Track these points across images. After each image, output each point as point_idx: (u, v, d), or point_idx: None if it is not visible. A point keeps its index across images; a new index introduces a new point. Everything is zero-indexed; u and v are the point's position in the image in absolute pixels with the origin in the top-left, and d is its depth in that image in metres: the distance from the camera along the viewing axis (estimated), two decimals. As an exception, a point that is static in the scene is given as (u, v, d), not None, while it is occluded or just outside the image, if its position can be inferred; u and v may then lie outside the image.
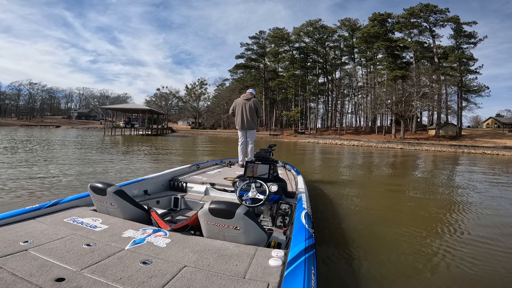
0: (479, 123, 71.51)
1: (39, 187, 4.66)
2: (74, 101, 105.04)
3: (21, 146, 12.23)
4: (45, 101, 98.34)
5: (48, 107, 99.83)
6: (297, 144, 30.87)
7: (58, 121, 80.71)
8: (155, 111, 37.57)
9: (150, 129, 34.95)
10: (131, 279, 1.15)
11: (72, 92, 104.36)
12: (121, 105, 39.69)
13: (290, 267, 1.27)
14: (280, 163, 5.04)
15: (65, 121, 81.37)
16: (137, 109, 33.13)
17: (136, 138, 26.34)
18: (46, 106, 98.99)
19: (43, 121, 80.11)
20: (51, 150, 11.38)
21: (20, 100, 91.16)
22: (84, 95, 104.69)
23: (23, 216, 1.77)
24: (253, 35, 58.18)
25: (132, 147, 15.06)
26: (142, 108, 33.05)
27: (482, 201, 5.29)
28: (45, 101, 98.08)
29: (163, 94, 74.27)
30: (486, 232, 3.43)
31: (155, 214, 2.05)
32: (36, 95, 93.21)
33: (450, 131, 40.74)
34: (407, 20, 42.63)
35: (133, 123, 32.00)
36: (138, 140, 23.15)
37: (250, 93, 5.06)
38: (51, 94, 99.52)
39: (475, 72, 41.21)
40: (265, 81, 57.48)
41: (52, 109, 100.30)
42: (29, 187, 4.60)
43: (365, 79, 50.42)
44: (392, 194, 6.04)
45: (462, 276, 2.34)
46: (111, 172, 6.61)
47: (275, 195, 2.56)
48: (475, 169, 11.90)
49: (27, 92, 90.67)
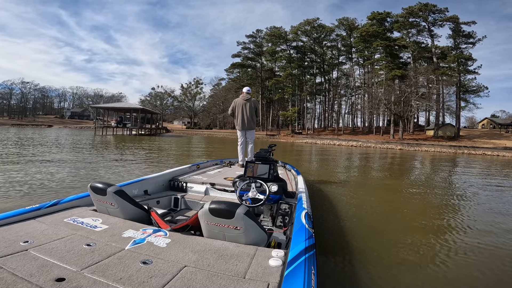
0: (474, 123, 71.67)
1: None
2: (67, 100, 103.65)
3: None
4: (38, 100, 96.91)
5: (40, 107, 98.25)
6: (295, 144, 30.16)
7: (51, 120, 79.48)
8: (148, 110, 36.55)
9: (144, 128, 33.93)
10: (131, 279, 1.15)
11: (65, 91, 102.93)
12: (113, 104, 38.58)
13: (290, 267, 1.26)
14: (280, 163, 4.98)
15: (58, 121, 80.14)
16: (129, 108, 32.06)
17: (128, 138, 25.36)
18: (38, 106, 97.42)
19: (35, 120, 79.00)
20: (18, 151, 10.40)
21: (12, 99, 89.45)
22: (77, 94, 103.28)
23: (23, 216, 1.76)
24: (250, 34, 57.38)
25: (119, 149, 14.10)
26: (134, 107, 31.96)
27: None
28: (37, 100, 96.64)
29: (158, 94, 73.27)
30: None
31: (155, 214, 2.04)
32: (28, 94, 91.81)
33: (448, 132, 40.53)
34: (406, 19, 42.22)
35: (125, 123, 30.89)
36: (129, 140, 22.16)
37: (247, 92, 4.98)
38: (43, 93, 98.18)
39: (473, 72, 40.91)
40: (262, 80, 56.61)
41: (45, 109, 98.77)
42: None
43: (363, 79, 50.00)
44: (393, 195, 5.88)
45: (461, 276, 2.35)
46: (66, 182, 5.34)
47: (275, 195, 2.56)
48: (485, 172, 11.21)
49: (19, 91, 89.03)
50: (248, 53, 58.70)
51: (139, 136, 29.37)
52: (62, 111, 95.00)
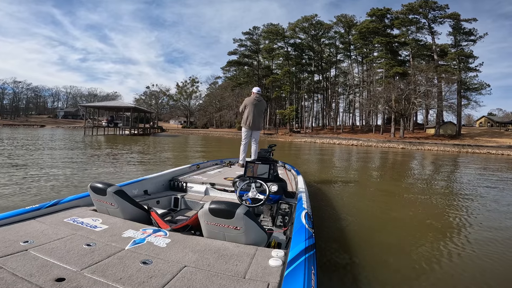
0: (472, 122, 71.41)
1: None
2: (61, 100, 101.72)
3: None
4: (31, 100, 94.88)
5: (34, 106, 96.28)
6: (293, 144, 29.12)
7: (44, 120, 78.00)
8: (141, 109, 35.23)
9: (137, 128, 32.65)
10: (131, 279, 1.15)
11: (59, 91, 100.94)
12: (103, 103, 37.26)
13: (290, 267, 1.26)
14: (280, 163, 4.93)
15: (51, 121, 78.67)
16: (121, 107, 30.68)
17: (120, 138, 24.08)
18: (31, 105, 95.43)
19: (27, 120, 77.54)
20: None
21: (4, 99, 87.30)
22: (71, 94, 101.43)
23: (23, 216, 1.76)
24: (246, 31, 56.18)
25: (104, 150, 12.92)
26: (126, 106, 30.58)
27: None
28: (30, 100, 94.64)
29: (153, 93, 71.88)
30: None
31: (155, 214, 2.04)
32: (20, 93, 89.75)
33: (449, 130, 40.01)
34: (406, 16, 41.45)
35: (117, 122, 29.51)
36: (120, 140, 20.93)
37: (258, 93, 5.08)
38: (36, 92, 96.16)
39: (475, 70, 40.18)
40: (259, 78, 55.48)
41: (38, 108, 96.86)
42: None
43: (362, 77, 49.21)
44: (394, 196, 5.71)
45: (462, 277, 2.32)
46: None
47: (275, 195, 2.56)
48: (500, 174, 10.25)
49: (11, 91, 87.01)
50: (244, 50, 57.62)
51: (132, 136, 28.07)
52: (56, 111, 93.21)
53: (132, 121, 30.28)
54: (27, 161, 7.64)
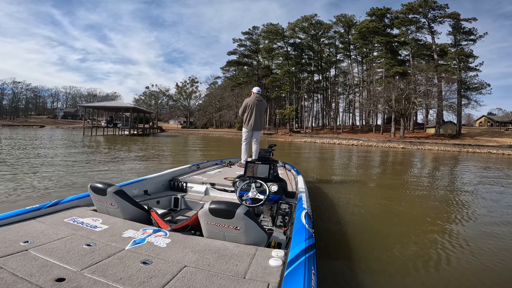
0: (472, 121, 71.33)
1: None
2: (60, 100, 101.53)
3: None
4: (30, 100, 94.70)
5: (33, 107, 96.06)
6: (293, 144, 29.02)
7: (43, 121, 77.88)
8: (140, 109, 35.12)
9: (136, 128, 32.54)
10: (131, 279, 1.15)
11: (58, 91, 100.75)
12: (102, 103, 37.12)
13: (290, 267, 1.26)
14: (280, 163, 4.95)
15: (50, 121, 78.52)
16: (120, 107, 30.51)
17: (119, 138, 24.01)
18: (31, 106, 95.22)
19: (27, 120, 77.48)
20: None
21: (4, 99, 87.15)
22: (71, 94, 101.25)
23: (23, 216, 1.75)
24: (246, 31, 56.06)
25: (103, 150, 12.83)
26: (125, 106, 30.44)
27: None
28: (29, 101, 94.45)
29: (153, 93, 71.77)
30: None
31: (155, 214, 2.04)
32: (20, 94, 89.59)
33: (449, 130, 39.90)
34: (406, 15, 41.36)
35: (116, 122, 29.37)
36: (119, 141, 20.86)
37: (258, 93, 5.08)
38: (36, 93, 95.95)
39: (475, 69, 40.08)
40: (259, 78, 55.39)
41: (37, 109, 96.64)
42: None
43: (361, 76, 49.10)
44: (395, 196, 5.67)
45: (461, 277, 2.31)
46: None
47: (275, 195, 2.56)
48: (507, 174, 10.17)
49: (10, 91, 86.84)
50: (244, 50, 57.53)
51: (131, 136, 27.88)
52: (55, 112, 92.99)
53: (131, 121, 30.17)
54: (28, 160, 7.56)
